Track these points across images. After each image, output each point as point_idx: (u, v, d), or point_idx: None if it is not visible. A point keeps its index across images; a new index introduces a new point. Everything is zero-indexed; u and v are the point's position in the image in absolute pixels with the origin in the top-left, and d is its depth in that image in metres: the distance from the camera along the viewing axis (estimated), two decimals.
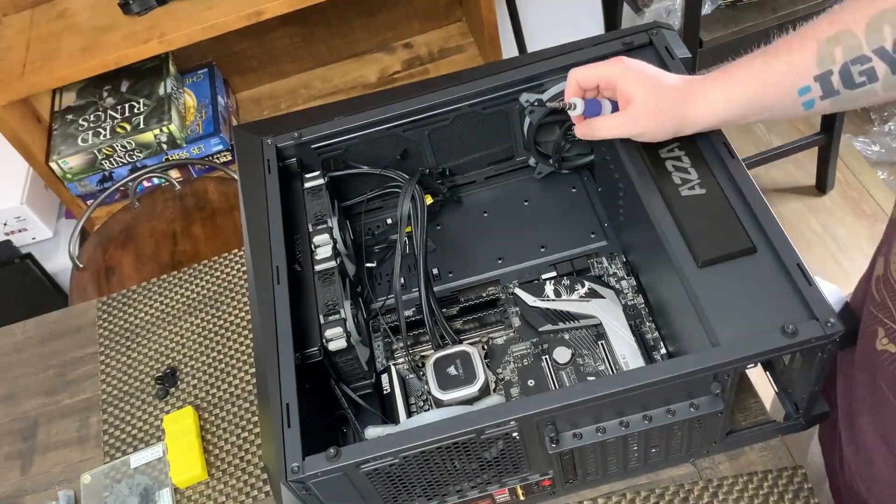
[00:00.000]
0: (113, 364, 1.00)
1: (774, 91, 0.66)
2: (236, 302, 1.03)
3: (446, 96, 0.86)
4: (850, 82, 0.63)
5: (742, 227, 0.68)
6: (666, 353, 0.79)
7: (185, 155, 1.68)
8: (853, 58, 0.62)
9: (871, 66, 0.62)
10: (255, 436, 0.91)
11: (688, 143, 0.75)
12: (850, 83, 0.63)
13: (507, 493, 0.75)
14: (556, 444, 0.65)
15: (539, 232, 0.93)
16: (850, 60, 0.62)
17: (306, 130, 0.87)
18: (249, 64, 1.90)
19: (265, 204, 0.81)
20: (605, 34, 0.88)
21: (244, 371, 0.96)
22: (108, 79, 1.70)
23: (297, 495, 0.64)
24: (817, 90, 0.64)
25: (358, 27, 1.90)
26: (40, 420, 0.98)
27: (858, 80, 0.63)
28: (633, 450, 0.72)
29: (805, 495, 0.75)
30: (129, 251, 1.47)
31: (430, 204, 0.89)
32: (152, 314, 1.04)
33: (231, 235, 1.44)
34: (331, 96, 1.89)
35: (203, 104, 1.75)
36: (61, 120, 1.68)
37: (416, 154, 0.92)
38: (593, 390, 0.62)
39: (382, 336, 0.87)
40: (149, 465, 0.90)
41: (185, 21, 1.48)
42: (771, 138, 2.11)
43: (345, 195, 0.94)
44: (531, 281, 0.88)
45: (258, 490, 0.87)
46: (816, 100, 0.65)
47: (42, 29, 1.57)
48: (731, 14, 1.62)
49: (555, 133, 0.91)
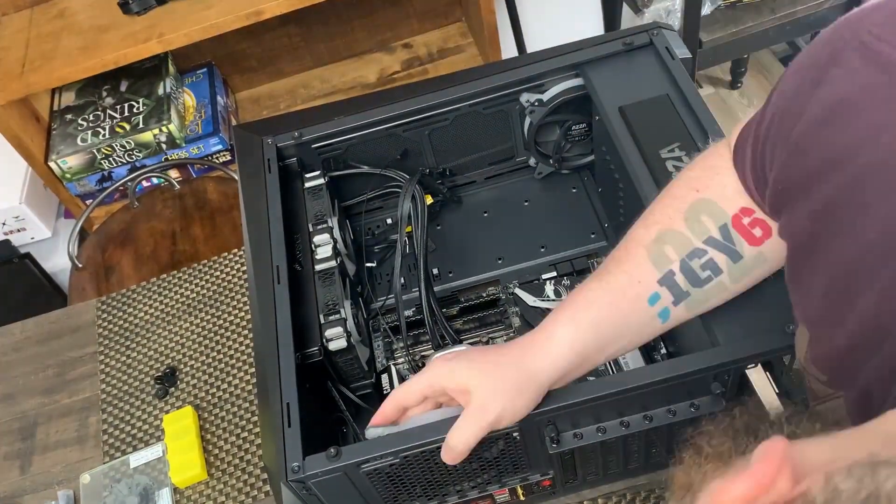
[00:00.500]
0: (112, 364, 1.00)
1: (625, 306, 0.60)
2: (236, 302, 1.03)
3: (446, 96, 0.86)
4: (695, 279, 0.60)
5: None
6: (666, 353, 0.79)
7: (185, 155, 1.67)
8: (687, 253, 0.59)
9: (708, 257, 0.59)
10: (255, 436, 0.91)
11: (688, 144, 0.75)
12: (695, 280, 0.60)
13: (507, 493, 0.74)
14: (556, 444, 0.65)
15: (539, 232, 0.93)
16: (686, 256, 0.60)
17: (306, 130, 0.87)
18: (249, 64, 1.89)
19: (265, 204, 0.81)
20: (605, 34, 0.88)
21: (244, 371, 0.96)
22: (107, 78, 1.69)
23: (298, 495, 0.64)
24: (667, 296, 0.60)
25: (357, 27, 1.90)
26: (39, 420, 0.98)
27: (703, 275, 0.60)
28: (634, 450, 0.72)
29: None
30: (129, 251, 1.46)
31: (430, 204, 0.89)
32: (152, 314, 1.04)
33: (230, 235, 1.44)
34: (330, 96, 1.89)
35: (202, 104, 1.75)
36: (60, 119, 1.68)
37: (416, 154, 0.92)
38: (594, 390, 0.62)
39: (382, 336, 0.87)
40: (148, 465, 0.90)
41: (185, 21, 1.48)
42: None
43: (345, 195, 0.93)
44: (531, 281, 0.88)
45: (258, 490, 0.87)
46: (670, 307, 0.60)
47: (41, 28, 1.57)
48: (730, 14, 1.62)
49: (555, 133, 0.91)
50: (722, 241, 0.59)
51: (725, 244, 0.59)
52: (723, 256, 0.59)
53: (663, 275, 0.60)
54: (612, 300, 0.61)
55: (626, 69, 0.84)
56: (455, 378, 0.60)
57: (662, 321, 0.61)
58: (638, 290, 0.60)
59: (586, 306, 0.61)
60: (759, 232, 0.58)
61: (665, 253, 0.60)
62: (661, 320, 0.61)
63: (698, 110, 0.77)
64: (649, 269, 0.60)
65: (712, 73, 2.29)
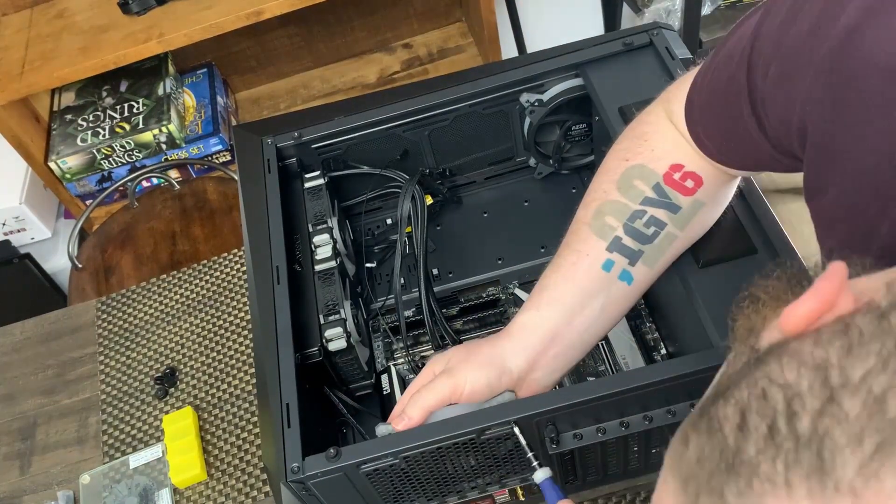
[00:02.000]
0: (112, 364, 1.00)
1: (580, 277, 0.62)
2: (236, 302, 1.03)
3: (446, 96, 0.86)
4: (643, 237, 0.62)
5: (742, 228, 0.68)
6: (666, 354, 0.79)
7: (185, 155, 1.68)
8: (628, 216, 0.62)
9: (649, 215, 0.62)
10: (255, 436, 0.91)
11: None
12: (643, 238, 0.62)
13: (507, 493, 0.74)
14: (556, 444, 0.65)
15: (539, 232, 0.93)
16: (627, 219, 0.62)
17: (306, 130, 0.87)
18: (249, 64, 1.89)
19: (265, 204, 0.81)
20: (605, 34, 0.88)
21: (244, 371, 0.96)
22: (107, 79, 1.69)
23: (297, 495, 0.64)
24: (620, 259, 0.62)
25: (357, 27, 1.90)
26: (39, 420, 0.98)
27: (649, 231, 0.62)
28: (634, 450, 0.72)
29: None
30: (128, 251, 1.46)
31: (430, 204, 0.89)
32: (151, 314, 1.04)
33: (230, 235, 1.44)
34: (330, 96, 1.89)
35: (202, 104, 1.75)
36: (60, 120, 1.68)
37: (416, 154, 0.92)
38: (593, 391, 0.62)
39: (382, 336, 0.87)
40: (148, 466, 0.90)
41: (185, 21, 1.48)
42: None
43: (345, 195, 0.93)
44: (531, 281, 0.88)
45: (258, 490, 0.87)
46: (628, 268, 0.62)
47: (41, 28, 1.57)
48: (730, 14, 1.62)
49: (555, 133, 0.91)
50: (657, 199, 0.62)
51: (661, 200, 0.62)
52: (662, 211, 0.62)
53: (610, 242, 0.62)
54: (564, 276, 0.63)
55: (626, 69, 0.84)
56: (447, 355, 0.65)
57: (628, 283, 0.63)
58: (589, 262, 0.63)
59: (540, 291, 0.64)
60: (691, 183, 0.62)
61: (607, 223, 0.63)
62: (627, 282, 0.63)
63: None
64: (595, 242, 0.63)
65: None
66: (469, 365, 0.62)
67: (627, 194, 0.63)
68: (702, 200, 0.62)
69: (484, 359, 0.63)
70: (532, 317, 0.63)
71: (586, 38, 0.87)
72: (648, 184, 0.62)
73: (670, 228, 0.62)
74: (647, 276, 0.64)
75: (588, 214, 0.64)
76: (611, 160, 0.66)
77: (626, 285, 0.63)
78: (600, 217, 0.63)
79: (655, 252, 0.63)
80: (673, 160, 0.62)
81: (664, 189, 0.62)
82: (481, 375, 0.62)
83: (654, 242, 0.62)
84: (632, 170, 0.63)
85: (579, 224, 0.64)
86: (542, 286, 0.64)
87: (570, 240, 0.65)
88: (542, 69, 0.86)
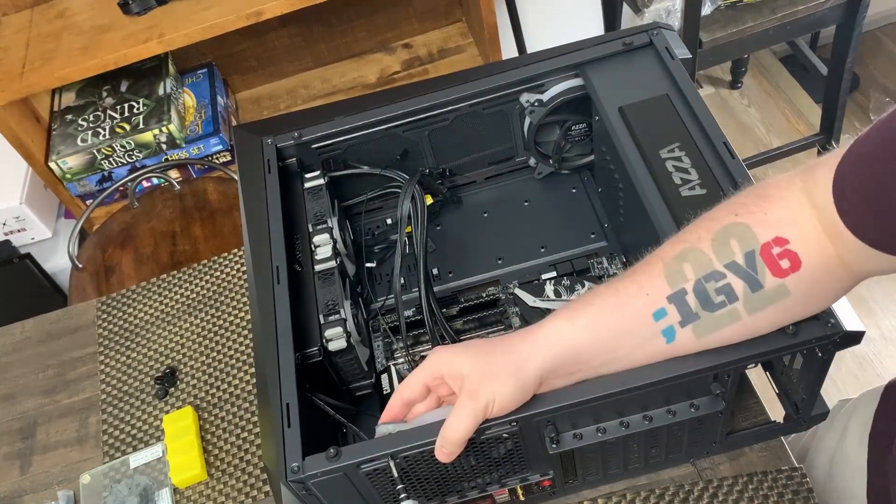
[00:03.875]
0: (112, 364, 1.00)
1: (627, 313, 0.59)
2: (236, 302, 1.03)
3: (446, 96, 0.86)
4: (707, 302, 0.57)
5: None
6: None
7: (185, 155, 1.68)
8: (705, 274, 0.57)
9: (726, 282, 0.57)
10: (255, 436, 0.91)
11: (688, 143, 0.75)
12: (707, 303, 0.57)
13: (507, 493, 0.75)
14: (556, 444, 0.65)
15: (539, 232, 0.93)
16: (703, 277, 0.57)
17: (306, 130, 0.87)
18: (249, 64, 1.90)
19: (265, 204, 0.81)
20: (605, 34, 0.88)
21: (244, 371, 0.96)
22: (107, 79, 1.69)
23: (297, 495, 0.64)
24: (674, 314, 0.58)
25: (357, 27, 1.90)
26: (39, 420, 0.98)
27: (717, 299, 0.57)
28: (634, 450, 0.72)
29: (805, 496, 0.75)
30: (129, 251, 1.47)
31: (430, 204, 0.89)
32: (152, 314, 1.04)
33: (230, 235, 1.44)
34: (330, 96, 1.89)
35: (202, 104, 1.75)
36: (60, 120, 1.68)
37: (416, 154, 0.92)
38: (594, 390, 0.62)
39: (382, 336, 0.87)
40: (148, 466, 0.90)
41: (185, 21, 1.48)
42: (771, 139, 2.11)
43: (345, 195, 0.93)
44: (531, 281, 0.88)
45: (258, 490, 0.87)
46: (676, 327, 0.58)
47: (41, 29, 1.57)
48: (730, 14, 1.62)
49: (555, 133, 0.91)
50: (744, 268, 0.56)
51: (747, 271, 0.56)
52: (741, 283, 0.57)
53: (674, 291, 0.58)
54: (614, 304, 0.59)
55: (626, 69, 0.84)
56: (451, 363, 0.61)
57: (667, 340, 0.59)
58: (644, 301, 0.58)
59: (585, 305, 0.60)
60: (787, 264, 0.56)
61: (682, 270, 0.58)
62: (666, 339, 0.59)
63: (698, 110, 0.77)
64: (661, 283, 0.58)
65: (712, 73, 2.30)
66: (493, 381, 0.59)
67: (718, 251, 0.57)
68: (789, 289, 0.56)
69: (506, 370, 0.59)
70: (565, 328, 0.60)
71: (586, 38, 0.87)
72: (743, 248, 0.56)
73: (738, 306, 0.57)
74: (688, 344, 0.60)
75: (670, 253, 0.59)
76: (721, 210, 0.60)
77: (664, 343, 0.59)
78: (679, 262, 0.58)
79: (710, 324, 0.58)
80: (780, 232, 0.56)
81: (756, 260, 0.56)
82: (509, 390, 0.59)
83: (714, 313, 0.58)
84: (734, 227, 0.57)
85: (657, 258, 0.60)
86: (588, 302, 0.60)
87: (640, 269, 0.60)
88: (542, 69, 0.86)
